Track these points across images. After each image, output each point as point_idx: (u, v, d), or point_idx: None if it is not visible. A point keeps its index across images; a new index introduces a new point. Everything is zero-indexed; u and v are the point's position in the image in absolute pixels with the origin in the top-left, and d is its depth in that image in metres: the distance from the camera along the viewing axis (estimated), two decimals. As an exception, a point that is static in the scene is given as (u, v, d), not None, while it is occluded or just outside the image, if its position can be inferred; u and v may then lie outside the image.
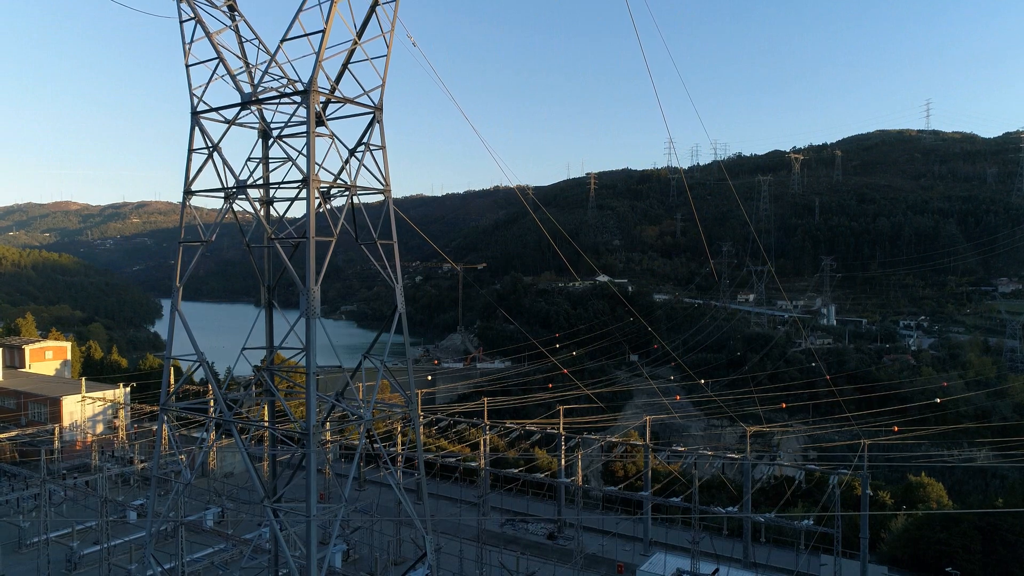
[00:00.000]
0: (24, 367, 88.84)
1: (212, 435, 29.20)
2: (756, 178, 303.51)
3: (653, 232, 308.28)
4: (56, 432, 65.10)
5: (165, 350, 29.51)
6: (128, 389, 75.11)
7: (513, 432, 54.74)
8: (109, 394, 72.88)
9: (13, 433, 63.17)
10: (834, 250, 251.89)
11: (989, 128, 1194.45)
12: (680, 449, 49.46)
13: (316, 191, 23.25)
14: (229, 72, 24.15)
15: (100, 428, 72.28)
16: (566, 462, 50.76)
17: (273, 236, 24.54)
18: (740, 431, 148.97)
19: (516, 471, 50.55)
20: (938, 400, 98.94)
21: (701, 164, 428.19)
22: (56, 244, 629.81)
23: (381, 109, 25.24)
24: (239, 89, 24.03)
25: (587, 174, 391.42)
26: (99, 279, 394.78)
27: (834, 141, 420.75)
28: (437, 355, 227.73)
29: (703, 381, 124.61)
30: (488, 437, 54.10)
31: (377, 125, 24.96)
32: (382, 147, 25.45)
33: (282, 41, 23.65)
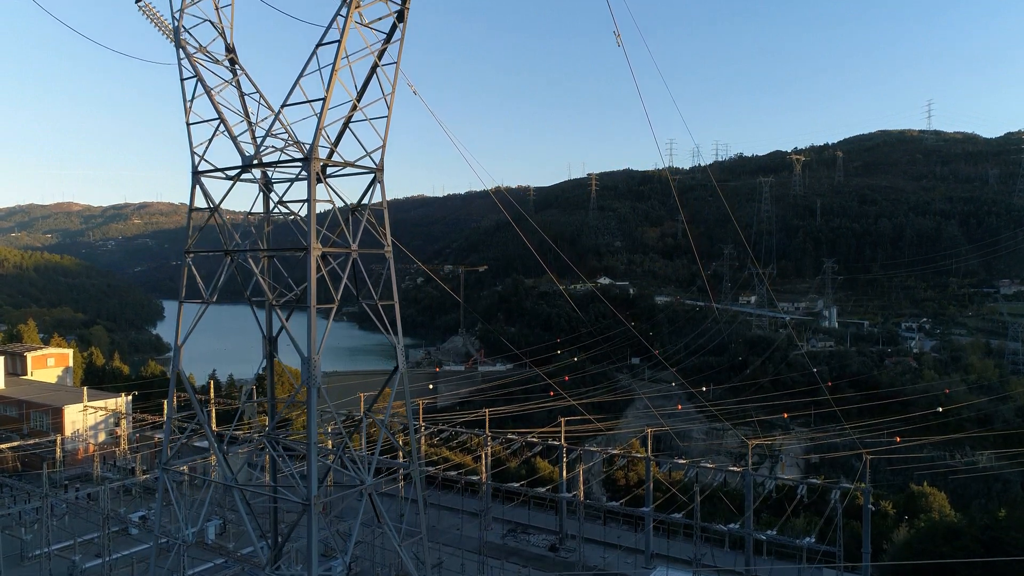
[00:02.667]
0: (26, 374, 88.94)
1: (211, 491, 29.03)
2: (758, 179, 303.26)
3: (654, 233, 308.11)
4: (58, 442, 65.22)
5: (167, 411, 29.40)
6: (130, 398, 75.19)
7: (515, 444, 54.79)
8: (111, 403, 72.95)
9: (15, 443, 63.26)
10: (836, 251, 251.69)
11: (991, 128, 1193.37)
12: (681, 461, 49.47)
13: (317, 258, 23.05)
14: (230, 133, 24.08)
15: (102, 437, 72.33)
16: (568, 475, 50.70)
17: (275, 302, 24.48)
18: (742, 434, 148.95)
19: (518, 485, 50.53)
20: (940, 409, 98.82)
21: (703, 164, 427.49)
22: (58, 245, 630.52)
23: (382, 170, 25.08)
24: (240, 151, 23.97)
25: (588, 175, 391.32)
26: (101, 281, 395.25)
27: (835, 141, 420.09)
28: (439, 357, 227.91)
29: (703, 388, 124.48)
30: (490, 449, 54.10)
31: (378, 185, 24.83)
32: (383, 207, 25.34)
33: (283, 106, 23.59)
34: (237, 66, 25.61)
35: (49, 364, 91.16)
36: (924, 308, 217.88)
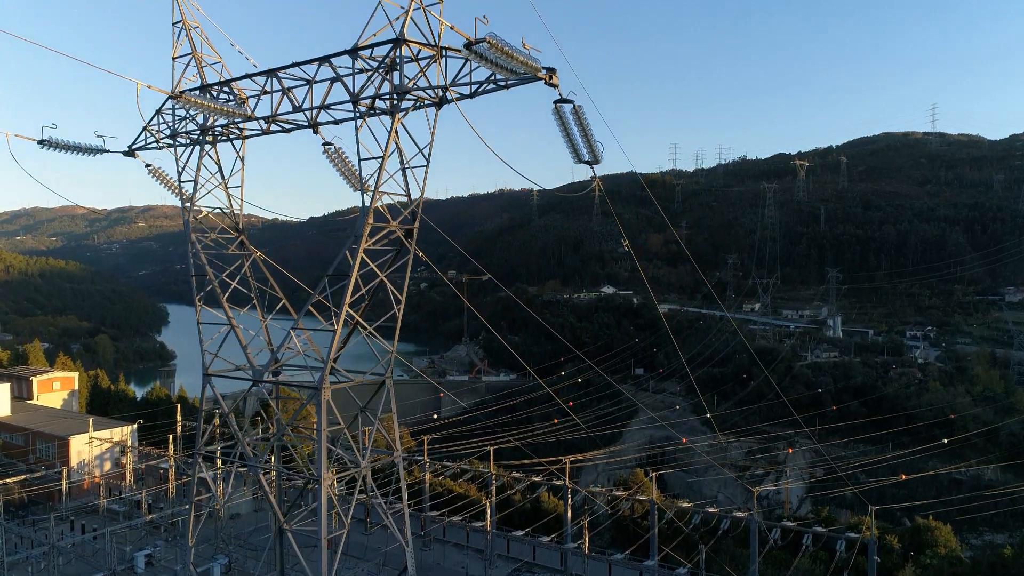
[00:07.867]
0: (32, 398, 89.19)
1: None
2: (761, 185, 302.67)
3: (658, 239, 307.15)
4: (64, 474, 65.37)
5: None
6: (135, 427, 75.27)
7: (520, 483, 54.89)
8: (117, 433, 73.06)
9: (22, 477, 63.44)
10: (840, 258, 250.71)
11: (995, 130, 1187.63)
12: (686, 505, 49.52)
13: (328, 488, 22.78)
14: (240, 341, 24.18)
15: (108, 466, 72.49)
16: (573, 525, 50.65)
17: (286, 525, 24.49)
18: (746, 448, 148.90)
19: (522, 533, 50.65)
20: (945, 441, 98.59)
21: (705, 168, 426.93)
22: (63, 248, 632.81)
23: (391, 376, 24.94)
24: (251, 363, 24.03)
25: (591, 178, 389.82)
26: (105, 286, 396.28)
27: (839, 144, 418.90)
28: (442, 366, 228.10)
29: (709, 415, 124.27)
30: (494, 489, 54.16)
31: (387, 390, 24.74)
32: (392, 414, 25.22)
33: (292, 329, 23.64)
34: (248, 249, 25.61)
35: (55, 388, 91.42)
36: (929, 316, 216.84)
